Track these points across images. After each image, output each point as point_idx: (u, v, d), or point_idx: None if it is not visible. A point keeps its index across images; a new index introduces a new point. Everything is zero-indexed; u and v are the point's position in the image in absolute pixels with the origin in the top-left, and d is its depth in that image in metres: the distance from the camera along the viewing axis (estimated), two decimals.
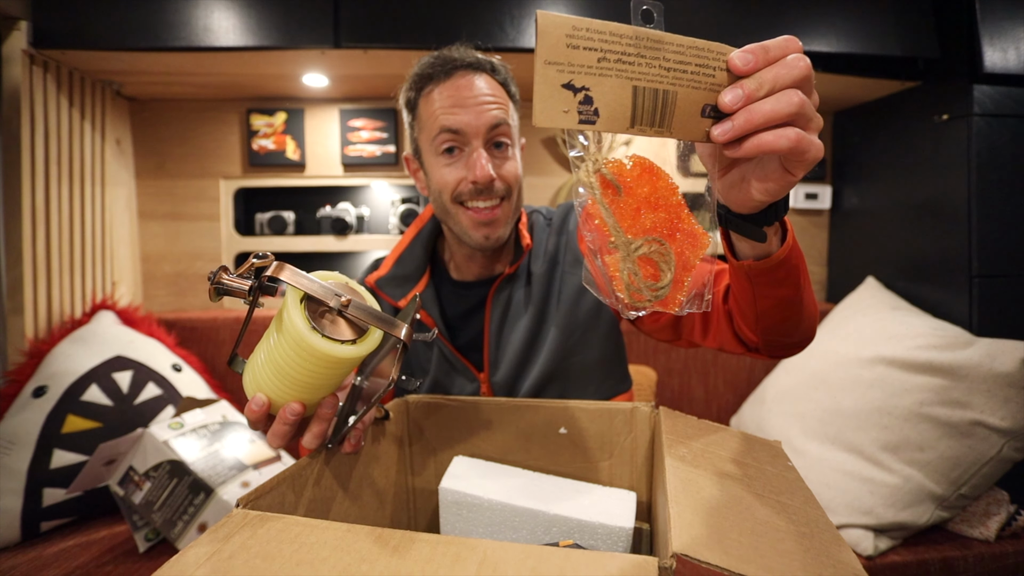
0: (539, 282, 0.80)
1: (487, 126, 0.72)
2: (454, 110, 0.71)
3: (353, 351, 0.43)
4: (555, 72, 0.34)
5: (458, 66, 0.73)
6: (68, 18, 1.22)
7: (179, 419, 1.04)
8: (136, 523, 0.99)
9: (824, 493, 1.16)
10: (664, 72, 0.36)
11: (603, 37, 0.35)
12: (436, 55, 0.75)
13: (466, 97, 0.71)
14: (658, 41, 0.36)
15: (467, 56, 0.74)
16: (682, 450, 0.47)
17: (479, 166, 0.71)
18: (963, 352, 1.13)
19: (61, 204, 1.34)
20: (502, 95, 0.75)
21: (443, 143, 0.73)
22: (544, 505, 0.52)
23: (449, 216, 0.76)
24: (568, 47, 0.34)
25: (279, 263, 0.43)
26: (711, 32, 1.31)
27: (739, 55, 0.37)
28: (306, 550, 0.33)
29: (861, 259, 1.66)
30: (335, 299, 0.43)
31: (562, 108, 0.35)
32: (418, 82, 0.75)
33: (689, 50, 0.37)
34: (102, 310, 1.39)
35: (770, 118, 0.35)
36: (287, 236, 1.69)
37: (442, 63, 0.73)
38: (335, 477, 0.51)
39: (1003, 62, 1.28)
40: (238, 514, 0.37)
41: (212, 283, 0.43)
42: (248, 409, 0.47)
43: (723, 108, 0.37)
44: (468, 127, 0.71)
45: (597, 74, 0.35)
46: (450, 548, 0.33)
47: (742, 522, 0.36)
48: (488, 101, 0.72)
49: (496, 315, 0.80)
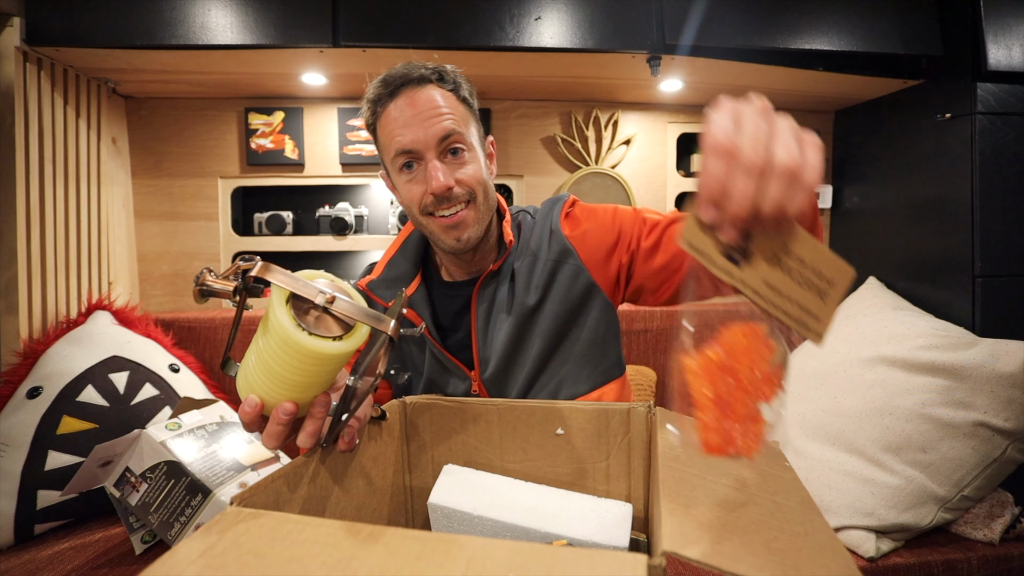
0: (521, 277, 0.81)
1: (437, 138, 0.73)
2: (403, 130, 0.73)
3: (340, 347, 0.44)
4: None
5: (402, 84, 0.74)
6: (62, 15, 1.21)
7: (176, 420, 1.04)
8: (132, 525, 0.98)
9: (825, 494, 1.15)
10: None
11: None
12: (383, 76, 0.76)
13: (412, 115, 0.73)
14: None
15: (411, 71, 0.75)
16: (677, 450, 0.47)
17: (434, 178, 0.73)
18: (966, 353, 1.13)
19: (56, 203, 1.33)
20: (452, 102, 0.76)
21: (401, 162, 0.75)
22: (537, 522, 0.51)
23: (423, 226, 0.79)
24: None
25: (264, 264, 0.44)
26: (716, 30, 1.30)
27: None
28: (298, 547, 0.33)
29: (862, 259, 1.65)
30: (320, 296, 0.43)
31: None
32: (371, 106, 0.77)
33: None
34: (98, 310, 1.38)
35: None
36: (285, 236, 1.69)
37: (387, 83, 0.75)
38: (330, 475, 0.51)
39: (1007, 60, 1.28)
40: (231, 511, 0.37)
41: (196, 285, 0.44)
42: (241, 411, 0.47)
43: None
44: (419, 143, 0.73)
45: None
46: (440, 545, 0.33)
47: (735, 521, 0.36)
48: (435, 114, 0.73)
49: (481, 313, 0.82)
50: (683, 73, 1.47)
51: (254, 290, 0.45)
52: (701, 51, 1.32)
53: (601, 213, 0.85)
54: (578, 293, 0.80)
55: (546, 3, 1.29)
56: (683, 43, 1.29)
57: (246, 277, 0.44)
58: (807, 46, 1.34)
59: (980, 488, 1.09)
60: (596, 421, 0.59)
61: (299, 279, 0.44)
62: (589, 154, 1.74)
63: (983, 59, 1.27)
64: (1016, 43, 1.28)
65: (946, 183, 1.37)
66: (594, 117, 1.73)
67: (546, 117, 1.74)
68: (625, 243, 0.81)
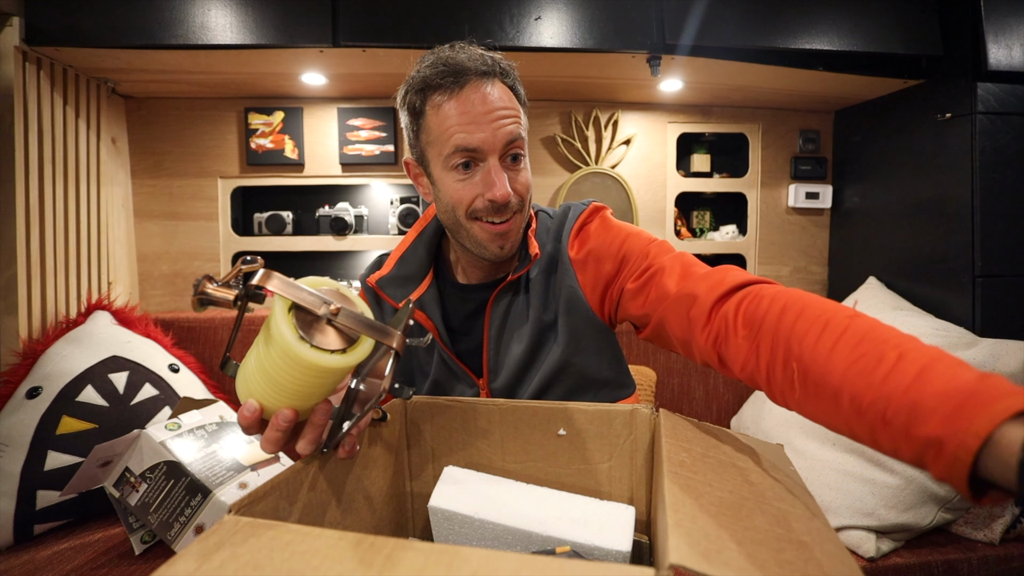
0: (536, 289, 0.78)
1: (504, 142, 0.68)
2: (469, 127, 0.67)
3: (343, 361, 0.43)
4: None
5: (470, 75, 0.68)
6: (61, 14, 1.21)
7: (176, 420, 1.03)
8: (132, 525, 0.98)
9: (825, 494, 1.15)
10: None
11: None
12: (444, 59, 0.69)
13: (481, 113, 0.67)
14: None
15: (477, 62, 0.69)
16: (682, 455, 0.46)
17: (498, 185, 0.68)
18: (966, 352, 1.13)
19: (56, 203, 1.33)
20: (514, 103, 0.71)
21: (458, 160, 0.69)
22: (538, 525, 0.50)
23: (462, 229, 0.74)
24: None
25: (266, 271, 0.42)
26: (716, 30, 1.30)
27: None
28: (297, 559, 0.32)
29: (862, 259, 1.65)
30: (324, 307, 0.41)
31: None
32: (425, 89, 0.70)
33: None
34: (98, 310, 1.38)
35: None
36: (285, 236, 1.68)
37: (452, 71, 0.68)
38: (330, 482, 0.50)
39: (1007, 60, 1.27)
40: (229, 521, 0.37)
41: (195, 294, 0.42)
42: (240, 415, 0.46)
43: None
44: (485, 144, 0.68)
45: None
46: (443, 557, 0.32)
47: (742, 531, 0.35)
48: (504, 115, 0.68)
49: (495, 322, 0.79)
50: (683, 73, 1.47)
51: (256, 297, 0.44)
52: (701, 51, 1.32)
53: (612, 236, 0.77)
54: (578, 317, 0.77)
55: (546, 3, 1.29)
56: (683, 43, 1.29)
57: (247, 285, 0.42)
58: (807, 46, 1.34)
59: None
60: (599, 422, 0.58)
61: (302, 288, 0.42)
62: (589, 154, 1.73)
63: (983, 59, 1.27)
64: (1016, 43, 1.28)
65: (946, 183, 1.37)
66: (594, 117, 1.73)
67: (546, 117, 1.73)
68: (618, 284, 0.75)
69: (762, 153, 1.79)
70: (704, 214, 1.89)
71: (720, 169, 1.86)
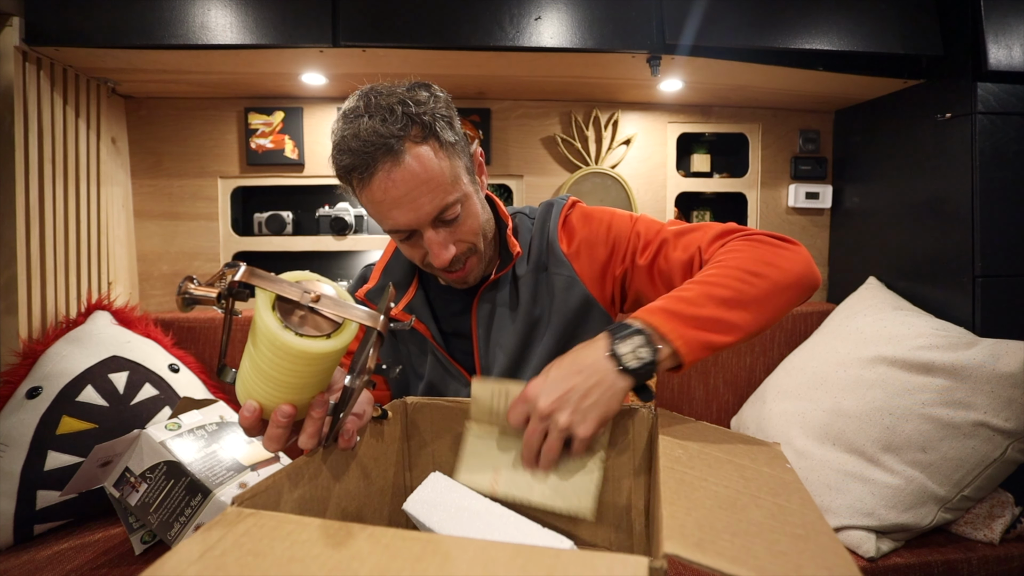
0: (525, 284, 0.80)
1: (431, 218, 0.67)
2: (393, 213, 0.67)
3: (329, 345, 0.44)
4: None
5: (377, 161, 0.64)
6: (61, 14, 1.21)
7: (176, 420, 1.03)
8: (132, 525, 0.98)
9: (825, 494, 1.15)
10: None
11: None
12: (348, 141, 0.65)
13: (397, 197, 0.65)
14: None
15: (383, 137, 0.63)
16: (678, 452, 0.47)
17: (436, 255, 0.69)
18: (966, 353, 1.13)
19: (56, 203, 1.33)
20: (434, 161, 0.66)
21: (397, 237, 0.73)
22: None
23: (426, 270, 0.78)
24: None
25: (247, 268, 0.44)
26: (716, 30, 1.30)
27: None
28: (298, 547, 0.33)
29: (862, 259, 1.65)
30: (304, 296, 0.43)
31: None
32: (346, 175, 0.68)
33: None
34: (98, 310, 1.38)
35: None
36: (285, 236, 1.69)
37: (360, 156, 0.64)
38: (331, 475, 0.51)
39: (1007, 59, 1.27)
40: (231, 511, 0.38)
41: (179, 294, 0.44)
42: (241, 416, 0.47)
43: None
44: (412, 223, 0.68)
45: None
46: (440, 547, 0.33)
47: (736, 523, 0.36)
48: (424, 191, 0.65)
49: (482, 319, 0.81)
50: (683, 73, 1.47)
51: (240, 295, 0.45)
52: (701, 51, 1.32)
53: (596, 223, 0.81)
54: (575, 305, 0.79)
55: (546, 3, 1.29)
56: (683, 43, 1.29)
57: (230, 283, 0.44)
58: (807, 46, 1.34)
59: (980, 488, 1.09)
60: None
61: (282, 281, 0.44)
62: (589, 154, 1.74)
63: (983, 59, 1.27)
64: (1016, 43, 1.28)
65: (946, 183, 1.37)
66: (594, 117, 1.73)
67: (546, 117, 1.73)
68: (619, 258, 0.79)
69: (762, 153, 1.79)
70: (704, 214, 1.89)
71: (720, 169, 1.86)
